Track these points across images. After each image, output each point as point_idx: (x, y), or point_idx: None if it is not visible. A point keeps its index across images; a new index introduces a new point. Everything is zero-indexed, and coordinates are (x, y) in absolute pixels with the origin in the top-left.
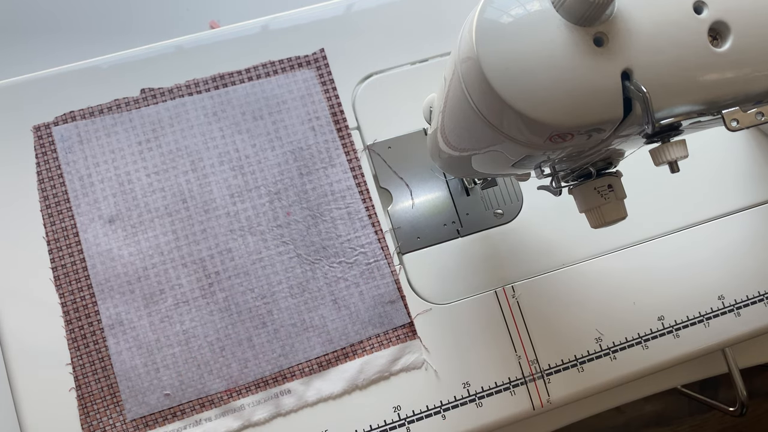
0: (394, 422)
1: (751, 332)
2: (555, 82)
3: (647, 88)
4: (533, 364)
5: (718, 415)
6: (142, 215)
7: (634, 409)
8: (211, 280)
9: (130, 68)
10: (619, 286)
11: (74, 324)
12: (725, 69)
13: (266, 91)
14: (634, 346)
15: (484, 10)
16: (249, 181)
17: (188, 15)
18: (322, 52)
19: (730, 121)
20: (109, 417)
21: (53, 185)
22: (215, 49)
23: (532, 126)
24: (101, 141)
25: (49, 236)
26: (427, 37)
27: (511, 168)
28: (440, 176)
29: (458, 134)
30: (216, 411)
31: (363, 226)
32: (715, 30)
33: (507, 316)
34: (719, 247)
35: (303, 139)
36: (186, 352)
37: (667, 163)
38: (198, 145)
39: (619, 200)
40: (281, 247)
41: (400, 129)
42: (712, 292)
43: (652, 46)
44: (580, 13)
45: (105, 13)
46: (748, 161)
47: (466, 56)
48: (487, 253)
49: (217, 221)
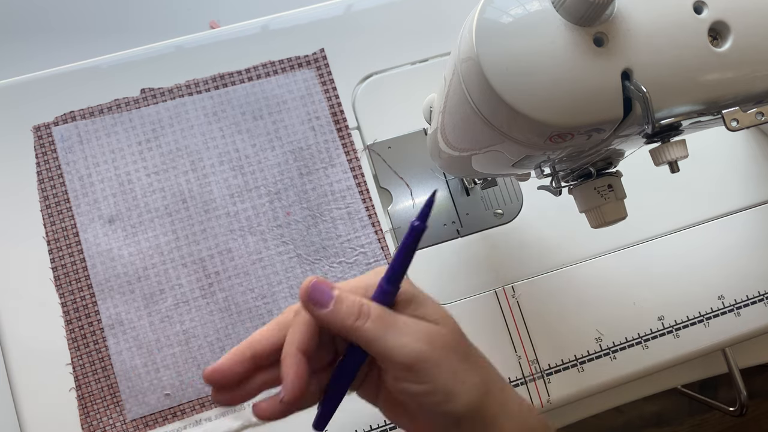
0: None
1: (751, 332)
2: (555, 82)
3: (647, 88)
4: (533, 364)
5: (718, 415)
6: (142, 215)
7: (634, 409)
8: (211, 280)
9: (130, 68)
10: (619, 286)
11: (74, 324)
12: (725, 69)
13: (266, 91)
14: (634, 346)
15: (484, 10)
16: (249, 181)
17: (188, 15)
18: (322, 52)
19: (730, 121)
20: (109, 417)
21: (53, 185)
22: (215, 49)
23: (532, 126)
24: (101, 141)
25: (49, 236)
26: (427, 37)
27: (511, 168)
28: (440, 176)
29: (458, 134)
30: (216, 411)
31: (363, 226)
32: (715, 30)
33: (507, 316)
34: (719, 247)
35: (303, 139)
36: (186, 352)
37: (667, 163)
38: (198, 145)
39: (619, 200)
40: (281, 247)
41: (400, 129)
42: (712, 292)
43: (652, 46)
44: (580, 13)
45: (105, 13)
46: (748, 161)
47: (466, 56)
48: (487, 253)
49: (217, 221)
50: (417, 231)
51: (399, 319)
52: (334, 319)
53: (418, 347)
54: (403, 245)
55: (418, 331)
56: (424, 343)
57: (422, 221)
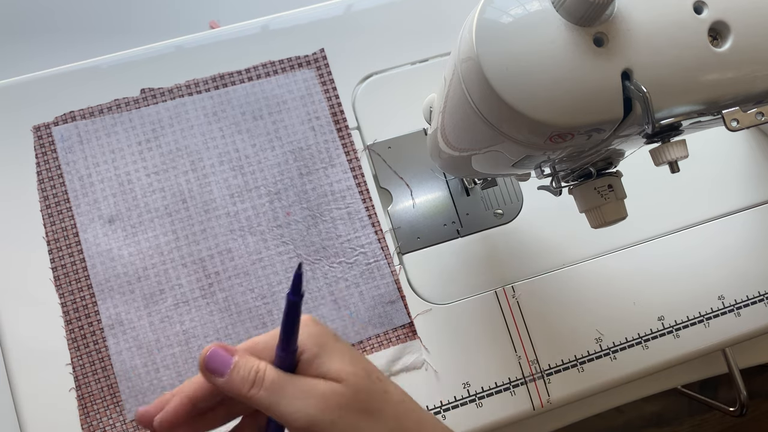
0: None
1: (751, 332)
2: (555, 82)
3: (647, 88)
4: (533, 364)
5: (718, 415)
6: (142, 215)
7: (634, 409)
8: (211, 280)
9: (130, 68)
10: (619, 286)
11: (74, 324)
12: (725, 69)
13: (266, 91)
14: (634, 346)
15: (484, 10)
16: (249, 181)
17: (188, 15)
18: (322, 52)
19: (730, 121)
20: (109, 417)
21: (53, 185)
22: (215, 49)
23: (532, 126)
24: (101, 141)
25: (49, 236)
26: (427, 37)
27: (511, 168)
28: (440, 176)
29: (458, 134)
30: None
31: (363, 226)
32: (715, 30)
33: (507, 316)
34: (719, 247)
35: (303, 139)
36: (186, 352)
37: (667, 163)
38: (198, 145)
39: (619, 200)
40: (281, 247)
41: (400, 129)
42: (712, 292)
43: (652, 46)
44: (580, 13)
45: (105, 13)
46: (748, 161)
47: (466, 56)
48: (487, 253)
49: (217, 221)
50: (292, 304)
51: (293, 383)
52: (231, 388)
53: (310, 412)
54: (284, 316)
55: (311, 395)
56: (316, 407)
57: (295, 294)
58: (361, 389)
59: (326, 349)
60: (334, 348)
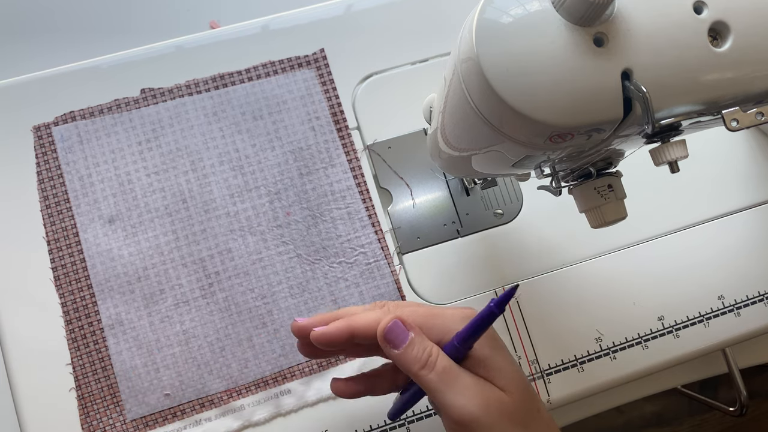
0: (394, 422)
1: (751, 332)
2: (555, 83)
3: (647, 88)
4: (533, 364)
5: (718, 415)
6: (142, 215)
7: (634, 409)
8: (211, 280)
9: (130, 68)
10: (619, 286)
11: (74, 324)
12: (725, 69)
13: (266, 91)
14: (634, 346)
15: (484, 10)
16: (249, 181)
17: (188, 15)
18: (322, 52)
19: (730, 121)
20: (109, 417)
21: (53, 185)
22: (215, 49)
23: (532, 126)
24: (101, 141)
25: (49, 236)
26: (427, 37)
27: (511, 168)
28: (440, 176)
29: (458, 134)
30: (216, 411)
31: (363, 226)
32: (715, 30)
33: (507, 316)
34: (719, 247)
35: (303, 139)
36: (186, 352)
37: (667, 163)
38: (198, 145)
39: (619, 200)
40: (281, 247)
41: (400, 129)
42: (712, 292)
43: (652, 46)
44: (580, 13)
45: (105, 13)
46: (748, 161)
47: (466, 56)
48: (487, 253)
49: (217, 221)
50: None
51: (462, 377)
52: (402, 361)
53: (473, 410)
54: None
55: (477, 394)
56: (479, 407)
57: (498, 307)
58: (522, 404)
59: (497, 354)
60: (504, 356)
